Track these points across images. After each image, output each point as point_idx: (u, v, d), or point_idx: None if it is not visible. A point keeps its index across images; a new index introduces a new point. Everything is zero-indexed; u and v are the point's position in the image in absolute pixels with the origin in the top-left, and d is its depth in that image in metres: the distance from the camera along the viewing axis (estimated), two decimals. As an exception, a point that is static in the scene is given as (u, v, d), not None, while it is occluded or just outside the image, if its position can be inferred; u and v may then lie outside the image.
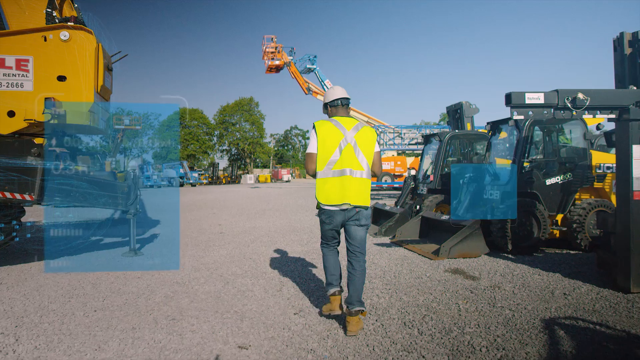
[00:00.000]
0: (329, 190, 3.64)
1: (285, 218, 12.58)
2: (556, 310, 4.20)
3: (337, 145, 3.65)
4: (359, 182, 3.66)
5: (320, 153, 3.68)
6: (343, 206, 3.64)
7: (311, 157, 3.73)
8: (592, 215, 7.07)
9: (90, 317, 4.01)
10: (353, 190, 3.63)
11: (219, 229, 10.40)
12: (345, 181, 3.62)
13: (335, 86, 4.02)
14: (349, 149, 3.65)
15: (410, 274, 5.67)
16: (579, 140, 7.57)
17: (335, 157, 3.64)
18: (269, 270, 5.98)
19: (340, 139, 3.65)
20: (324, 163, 3.67)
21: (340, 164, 3.64)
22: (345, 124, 3.73)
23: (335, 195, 3.63)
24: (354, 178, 3.64)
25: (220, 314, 4.10)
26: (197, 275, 5.64)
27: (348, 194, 3.61)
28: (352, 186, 3.63)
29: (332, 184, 3.64)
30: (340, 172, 3.63)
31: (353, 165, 3.65)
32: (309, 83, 33.79)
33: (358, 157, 3.67)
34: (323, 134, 3.67)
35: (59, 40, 5.71)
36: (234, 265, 6.28)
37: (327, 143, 3.66)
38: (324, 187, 3.67)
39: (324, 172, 3.68)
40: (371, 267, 6.11)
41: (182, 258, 6.82)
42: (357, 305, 3.58)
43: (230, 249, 7.59)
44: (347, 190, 3.61)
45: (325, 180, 3.66)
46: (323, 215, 3.76)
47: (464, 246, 6.78)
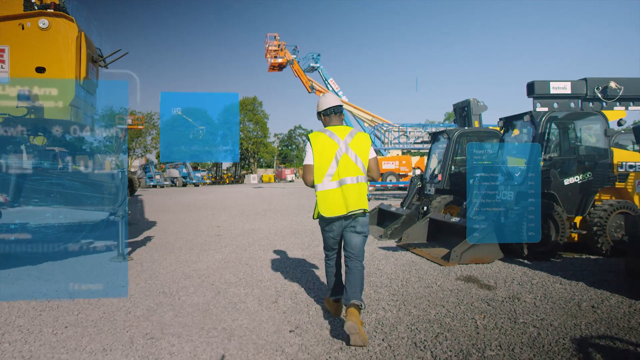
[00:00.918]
0: (331, 201, 3.64)
1: (286, 219, 12.11)
2: (586, 327, 3.71)
3: (334, 156, 3.67)
4: (357, 187, 3.66)
5: (318, 165, 3.69)
6: (348, 214, 3.64)
7: (309, 168, 3.74)
8: (614, 218, 6.57)
9: (58, 336, 3.55)
10: (354, 198, 3.63)
11: (217, 231, 9.95)
12: (346, 190, 3.63)
13: (326, 94, 4.05)
14: (345, 158, 3.68)
15: (419, 283, 5.18)
16: (599, 137, 7.05)
17: (332, 169, 3.66)
18: (266, 277, 5.51)
19: (335, 149, 3.68)
20: (322, 175, 3.68)
21: (338, 174, 3.66)
22: (339, 133, 3.76)
23: (338, 205, 3.63)
24: (353, 185, 3.65)
25: (206, 332, 3.63)
26: (187, 284, 5.18)
27: (349, 202, 3.62)
28: (353, 193, 3.63)
29: (334, 195, 3.65)
30: (339, 183, 3.65)
31: (351, 173, 3.66)
32: (312, 82, 33.31)
33: (357, 163, 3.69)
34: (319, 146, 3.70)
35: (37, 28, 5.27)
36: (227, 271, 5.82)
37: (323, 155, 3.68)
38: (326, 200, 3.66)
39: (323, 184, 3.68)
40: (376, 274, 5.63)
41: (174, 263, 6.37)
42: (353, 299, 3.47)
43: (226, 253, 7.13)
44: (348, 198, 3.62)
45: (327, 193, 3.67)
46: (323, 223, 3.79)
47: (476, 251, 6.29)
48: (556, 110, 6.67)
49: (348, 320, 3.26)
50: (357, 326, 3.21)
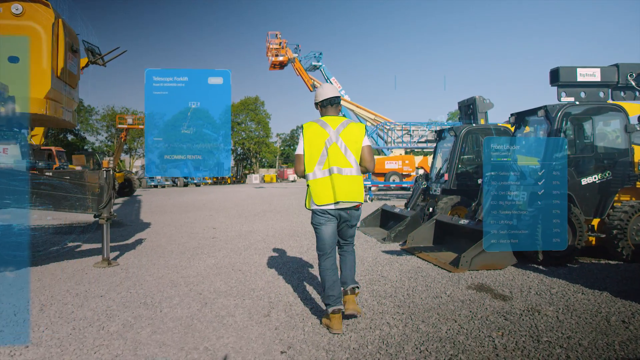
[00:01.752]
0: (320, 190, 3.64)
1: (286, 220, 11.66)
2: (621, 347, 3.24)
3: (323, 145, 3.67)
4: (348, 179, 3.65)
5: (308, 154, 3.71)
6: (338, 204, 3.64)
7: (299, 158, 3.79)
8: (636, 220, 6.10)
9: (15, 358, 3.11)
10: (344, 188, 3.61)
11: (212, 233, 9.50)
12: (335, 180, 3.62)
13: (324, 84, 4.08)
14: (334, 147, 3.67)
15: (427, 292, 4.72)
16: (618, 134, 6.57)
17: (323, 158, 3.66)
18: (259, 286, 5.06)
19: (325, 138, 3.68)
20: (313, 164, 3.69)
21: (328, 163, 3.65)
22: (331, 122, 3.75)
23: (327, 194, 3.62)
24: (343, 176, 3.63)
25: (186, 353, 3.18)
26: (172, 294, 4.73)
27: (339, 192, 3.60)
28: (342, 184, 3.62)
29: (323, 184, 3.64)
30: (328, 172, 3.64)
31: (340, 164, 3.65)
32: (314, 80, 32.88)
33: (346, 154, 3.67)
34: (309, 136, 3.72)
35: (10, 14, 4.83)
36: (218, 279, 5.37)
37: (313, 144, 3.70)
38: (316, 188, 3.66)
39: (314, 173, 3.69)
40: (380, 281, 5.17)
41: (162, 269, 5.92)
42: (351, 283, 3.81)
43: (219, 258, 6.68)
44: (337, 188, 3.60)
45: (316, 181, 3.67)
46: (317, 216, 3.71)
47: (487, 256, 5.82)
48: (583, 101, 6.12)
49: (348, 308, 3.68)
50: (357, 311, 3.74)
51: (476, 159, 9.24)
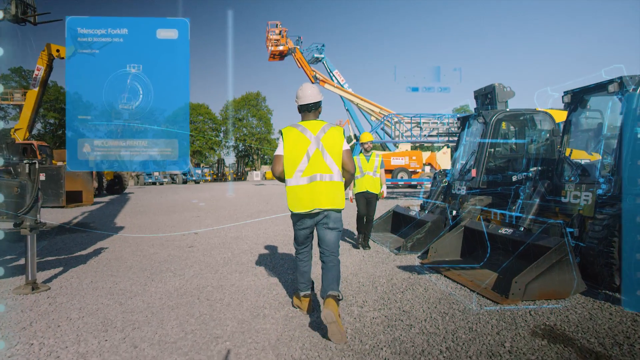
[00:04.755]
0: (299, 197, 3.55)
1: (281, 223, 10.07)
2: None
3: (305, 152, 3.58)
4: (329, 185, 3.57)
5: (288, 160, 3.60)
6: (313, 211, 3.55)
7: (278, 159, 3.67)
8: None
9: None
10: (324, 195, 3.53)
11: (192, 240, 7.94)
12: (316, 187, 3.54)
13: (305, 85, 3.83)
14: (317, 154, 3.57)
15: (476, 343, 3.14)
16: None
17: (303, 165, 3.57)
18: (227, 331, 3.48)
19: (307, 145, 3.58)
20: (292, 170, 3.60)
21: (309, 170, 3.56)
22: (311, 128, 3.64)
23: (306, 201, 3.54)
24: (324, 182, 3.55)
25: None
26: (91, 347, 3.16)
27: (319, 199, 3.53)
28: (323, 191, 3.54)
29: (302, 191, 3.55)
30: (309, 179, 3.56)
31: (322, 170, 3.56)
32: (315, 72, 31.24)
33: (326, 160, 3.58)
34: (290, 141, 3.62)
35: None
36: (172, 316, 3.80)
37: (294, 150, 3.59)
38: (295, 195, 3.57)
39: (294, 179, 3.59)
40: (401, 321, 3.59)
41: (102, 297, 4.37)
42: (330, 290, 3.44)
43: (186, 279, 5.12)
44: (317, 195, 3.52)
45: (295, 188, 3.59)
46: (294, 218, 3.72)
47: (547, 281, 4.25)
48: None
49: (325, 309, 3.18)
50: (334, 315, 3.13)
51: (510, 151, 7.65)
